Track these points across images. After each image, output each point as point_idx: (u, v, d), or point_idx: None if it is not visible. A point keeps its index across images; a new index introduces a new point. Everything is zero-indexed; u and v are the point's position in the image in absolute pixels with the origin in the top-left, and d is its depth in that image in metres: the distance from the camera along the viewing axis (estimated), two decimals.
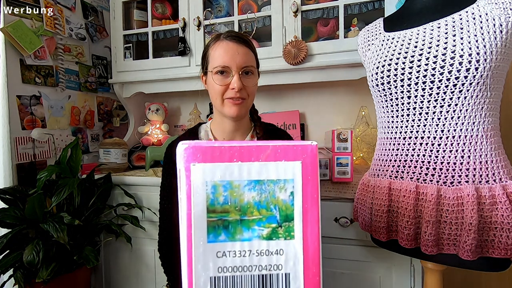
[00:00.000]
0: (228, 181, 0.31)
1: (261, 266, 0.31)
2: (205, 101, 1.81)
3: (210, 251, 0.30)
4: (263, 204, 0.31)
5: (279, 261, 0.31)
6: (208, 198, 0.31)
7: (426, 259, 0.78)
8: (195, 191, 0.30)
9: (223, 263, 0.31)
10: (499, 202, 0.65)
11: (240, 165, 0.31)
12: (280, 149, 0.31)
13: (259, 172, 0.31)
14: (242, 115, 0.80)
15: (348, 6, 1.30)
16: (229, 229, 0.31)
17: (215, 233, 0.31)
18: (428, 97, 0.72)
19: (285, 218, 0.31)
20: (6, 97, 1.28)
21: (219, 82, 0.76)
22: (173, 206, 0.84)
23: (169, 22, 1.61)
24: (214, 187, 0.31)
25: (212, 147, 0.31)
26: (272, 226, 0.31)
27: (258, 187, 0.31)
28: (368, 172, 0.91)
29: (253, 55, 0.80)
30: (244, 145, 0.31)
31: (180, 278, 0.86)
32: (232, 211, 0.31)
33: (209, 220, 0.31)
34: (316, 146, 0.31)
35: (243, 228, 0.31)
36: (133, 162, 1.65)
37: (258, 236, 0.31)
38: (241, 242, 0.31)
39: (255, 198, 0.31)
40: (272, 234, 0.31)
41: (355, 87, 1.54)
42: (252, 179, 0.31)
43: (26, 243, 1.11)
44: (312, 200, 0.31)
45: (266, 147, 0.31)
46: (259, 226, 0.31)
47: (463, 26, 0.69)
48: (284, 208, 0.31)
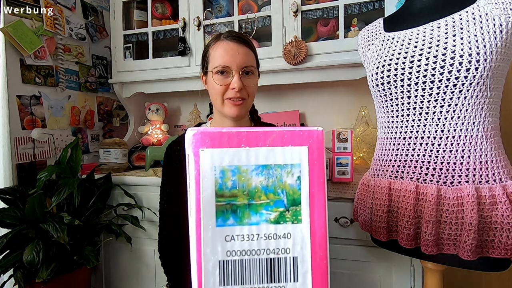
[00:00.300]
0: (236, 166, 0.31)
1: (269, 250, 0.31)
2: (205, 101, 1.81)
3: (218, 235, 0.31)
4: (270, 189, 0.32)
5: (287, 244, 0.32)
6: (216, 182, 0.31)
7: (426, 259, 0.78)
8: (203, 176, 0.31)
9: (231, 247, 0.31)
10: (499, 202, 0.65)
11: (248, 150, 0.31)
12: (287, 134, 0.31)
13: (266, 157, 0.31)
14: (242, 115, 0.80)
15: (348, 6, 1.30)
16: (237, 213, 0.31)
17: (223, 217, 0.31)
18: (428, 97, 0.72)
19: (292, 202, 0.32)
20: (6, 97, 1.28)
21: (219, 82, 0.76)
22: (173, 206, 0.84)
23: (169, 22, 1.61)
24: (223, 172, 0.31)
25: (221, 133, 0.31)
26: (280, 210, 0.32)
27: (265, 172, 0.32)
28: (368, 172, 0.91)
29: (253, 55, 0.80)
30: (251, 130, 0.31)
31: (180, 278, 0.86)
32: (240, 196, 0.31)
33: (218, 204, 0.31)
34: (322, 132, 0.32)
35: (251, 212, 0.31)
36: (133, 162, 1.65)
37: (266, 220, 0.32)
38: (249, 226, 0.31)
39: (262, 183, 0.32)
40: (280, 218, 0.32)
41: (355, 87, 1.54)
42: (259, 164, 0.31)
43: (26, 243, 1.11)
44: (318, 185, 0.32)
45: (273, 132, 0.31)
46: (267, 210, 0.32)
47: (463, 26, 0.69)
48: (291, 193, 0.32)
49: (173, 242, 0.83)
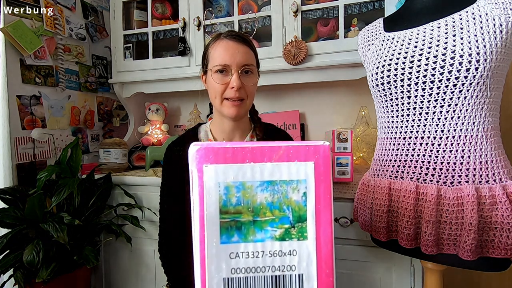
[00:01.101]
0: (241, 182, 0.31)
1: (274, 267, 0.31)
2: (205, 101, 1.81)
3: (223, 252, 0.30)
4: (276, 205, 0.31)
5: (292, 261, 0.31)
6: (221, 199, 0.30)
7: (426, 259, 0.78)
8: (207, 192, 0.30)
9: (236, 264, 0.31)
10: (499, 202, 0.65)
11: (253, 166, 0.31)
12: (293, 150, 0.31)
13: (272, 172, 0.31)
14: (241, 115, 0.80)
15: (348, 6, 1.30)
16: (242, 230, 0.31)
17: (228, 234, 0.31)
18: (428, 97, 0.72)
19: (298, 219, 0.31)
20: (6, 97, 1.28)
21: (219, 81, 0.76)
22: (173, 206, 0.83)
23: (169, 22, 1.61)
24: (227, 188, 0.31)
25: (225, 148, 0.30)
26: (285, 226, 0.31)
27: (270, 188, 0.31)
28: (368, 172, 0.91)
29: (253, 54, 0.80)
30: (256, 145, 0.31)
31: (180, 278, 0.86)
32: (245, 212, 0.31)
33: (222, 221, 0.30)
34: (328, 147, 0.31)
35: (256, 229, 0.31)
36: (133, 162, 1.65)
37: (271, 237, 0.31)
38: (254, 243, 0.31)
39: (267, 199, 0.31)
40: (285, 235, 0.31)
41: (355, 87, 1.54)
42: (264, 180, 0.31)
43: (26, 243, 1.11)
44: (325, 201, 0.31)
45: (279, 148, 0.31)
46: (272, 227, 0.31)
47: (463, 26, 0.69)
48: (297, 209, 0.31)
49: (173, 242, 0.83)
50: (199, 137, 0.87)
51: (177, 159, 0.84)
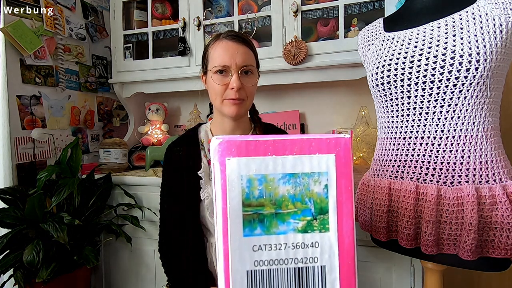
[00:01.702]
0: (263, 175, 0.31)
1: (297, 259, 0.31)
2: (205, 101, 1.81)
3: (246, 245, 0.30)
4: (298, 197, 0.31)
5: (315, 253, 0.31)
6: (243, 192, 0.30)
7: (426, 259, 0.78)
8: (230, 186, 0.30)
9: (259, 257, 0.31)
10: (499, 202, 0.65)
11: (275, 159, 0.31)
12: (314, 142, 0.31)
13: (294, 165, 0.31)
14: (241, 114, 0.80)
15: (348, 6, 1.30)
16: (264, 223, 0.31)
17: (250, 227, 0.31)
18: (428, 97, 0.72)
19: (320, 211, 0.31)
20: (6, 97, 1.28)
21: (219, 82, 0.76)
22: (173, 206, 0.83)
23: (169, 22, 1.61)
24: (249, 181, 0.30)
25: (247, 141, 0.30)
26: (307, 219, 0.31)
27: (292, 180, 0.31)
28: (368, 172, 0.91)
29: (253, 55, 0.80)
30: (278, 138, 0.31)
31: (180, 278, 0.86)
32: (267, 205, 0.31)
33: (245, 214, 0.30)
34: (349, 139, 0.31)
35: (278, 222, 0.31)
36: (133, 162, 1.65)
37: (293, 229, 0.31)
38: (277, 235, 0.31)
39: (289, 191, 0.31)
40: (307, 227, 0.31)
41: (355, 87, 1.54)
42: (286, 173, 0.31)
43: (26, 243, 1.11)
44: (346, 193, 0.31)
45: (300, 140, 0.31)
46: (294, 219, 0.31)
47: (463, 26, 0.69)
48: (319, 201, 0.31)
49: (173, 242, 0.83)
50: (199, 137, 0.87)
51: (177, 159, 0.84)
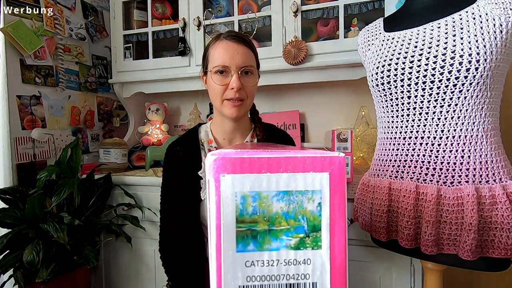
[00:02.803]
0: (257, 192, 0.31)
1: (289, 275, 0.31)
2: (205, 101, 1.81)
3: (239, 260, 0.31)
4: (291, 215, 0.31)
5: (307, 270, 0.31)
6: (237, 208, 0.31)
7: (426, 259, 0.78)
8: (224, 202, 0.30)
9: (251, 272, 0.31)
10: (499, 202, 0.65)
11: (269, 176, 0.31)
12: (309, 160, 0.31)
13: (288, 183, 0.31)
14: (241, 115, 0.80)
15: (348, 6, 1.30)
16: (257, 239, 0.31)
17: (244, 243, 0.31)
18: (428, 97, 0.72)
19: (313, 229, 0.31)
20: (6, 97, 1.28)
21: (219, 82, 0.76)
22: (173, 206, 0.83)
23: (169, 22, 1.61)
24: (243, 198, 0.31)
25: (242, 158, 0.31)
26: (300, 236, 0.31)
27: (286, 198, 0.31)
28: (368, 172, 0.91)
29: (253, 55, 0.80)
30: (273, 156, 0.31)
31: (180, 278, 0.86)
32: (260, 222, 0.31)
33: (238, 230, 0.31)
34: (344, 158, 0.32)
35: (271, 238, 0.31)
36: (133, 162, 1.65)
37: (286, 246, 0.31)
38: (269, 251, 0.31)
39: (283, 209, 0.31)
40: (300, 244, 0.31)
41: (355, 87, 1.54)
42: (280, 190, 0.31)
43: (26, 243, 1.11)
44: (339, 211, 0.31)
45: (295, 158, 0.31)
46: (287, 236, 0.31)
47: (463, 26, 0.69)
48: (312, 219, 0.31)
49: (173, 242, 0.83)
50: (200, 137, 0.87)
51: (177, 159, 0.84)
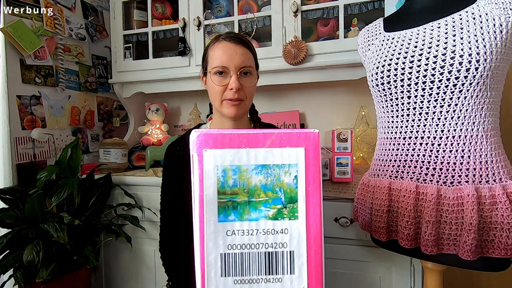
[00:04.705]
0: (237, 166, 0.33)
1: (267, 244, 0.34)
2: (205, 101, 1.81)
3: (220, 229, 0.33)
4: (269, 187, 0.34)
5: (284, 239, 0.34)
6: (218, 181, 0.33)
7: (426, 259, 0.78)
8: (207, 175, 0.33)
9: (232, 241, 0.33)
10: (499, 202, 0.65)
11: (248, 151, 0.33)
12: (285, 136, 0.33)
13: (266, 157, 0.33)
14: (240, 115, 0.80)
15: (348, 6, 1.30)
16: (238, 210, 0.33)
17: (225, 213, 0.33)
18: (428, 97, 0.72)
19: (290, 200, 0.34)
20: (6, 97, 1.28)
21: (218, 83, 0.77)
22: (174, 205, 0.83)
23: (169, 22, 1.61)
24: (224, 171, 0.33)
25: (222, 134, 0.33)
26: (278, 207, 0.34)
27: (264, 171, 0.33)
28: (368, 172, 0.91)
29: (251, 55, 0.80)
30: (251, 132, 0.34)
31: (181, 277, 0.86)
32: (240, 193, 0.33)
33: (220, 201, 0.33)
34: (318, 134, 0.34)
35: (251, 209, 0.34)
36: (133, 162, 1.65)
37: (264, 217, 0.34)
38: (249, 221, 0.34)
39: (262, 181, 0.34)
40: (278, 215, 0.34)
41: (355, 87, 1.54)
42: (259, 164, 0.33)
43: (26, 243, 1.10)
44: (314, 183, 0.33)
45: (272, 134, 0.33)
46: (266, 207, 0.34)
47: (463, 26, 0.69)
48: (289, 191, 0.34)
49: (174, 242, 0.83)
50: None
51: (177, 159, 0.84)
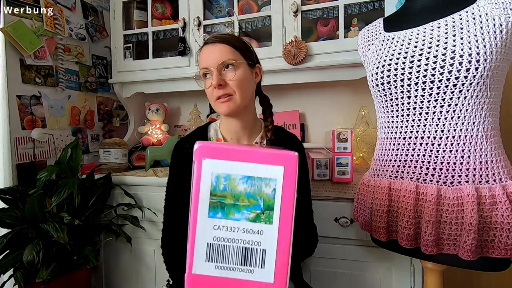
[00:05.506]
0: (228, 174, 0.41)
1: (245, 241, 0.41)
2: (205, 101, 1.82)
3: (209, 224, 0.42)
4: (252, 195, 0.41)
5: (259, 239, 0.41)
6: (212, 185, 0.41)
7: (426, 259, 0.78)
8: (203, 179, 0.41)
9: (217, 234, 0.41)
10: (499, 202, 0.65)
11: (238, 164, 0.41)
12: (269, 155, 0.41)
13: (252, 170, 0.41)
14: (234, 111, 0.79)
15: (348, 6, 1.30)
16: (224, 210, 0.41)
17: (214, 211, 0.42)
18: (428, 97, 0.72)
19: (267, 207, 0.41)
20: (6, 97, 1.28)
21: (206, 85, 0.80)
22: (178, 203, 0.83)
23: (169, 22, 1.61)
24: (217, 177, 0.41)
25: (219, 148, 0.42)
26: (257, 212, 0.41)
27: (249, 182, 0.41)
28: (368, 172, 0.91)
29: (232, 49, 0.78)
30: (243, 149, 0.42)
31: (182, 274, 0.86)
32: (228, 197, 0.41)
33: (211, 201, 0.41)
34: (297, 156, 0.41)
35: (235, 211, 0.41)
36: (133, 162, 1.65)
37: (245, 218, 0.41)
38: (233, 220, 0.41)
39: (246, 189, 0.41)
40: (256, 218, 0.41)
41: (355, 87, 1.54)
42: (246, 175, 0.41)
43: (26, 243, 1.10)
44: (289, 197, 0.41)
45: (259, 153, 0.41)
46: (247, 211, 0.41)
47: (463, 26, 0.69)
48: (267, 200, 0.41)
49: (176, 239, 0.83)
50: (209, 135, 0.88)
51: (185, 157, 0.84)
